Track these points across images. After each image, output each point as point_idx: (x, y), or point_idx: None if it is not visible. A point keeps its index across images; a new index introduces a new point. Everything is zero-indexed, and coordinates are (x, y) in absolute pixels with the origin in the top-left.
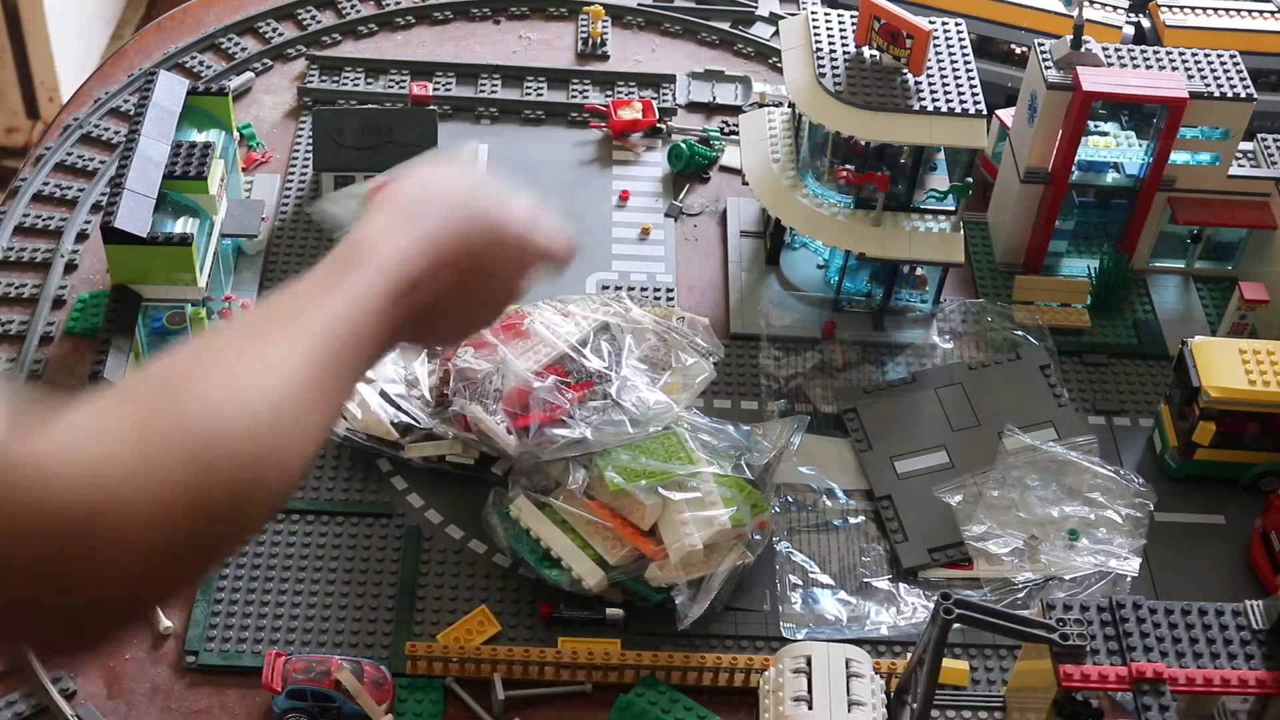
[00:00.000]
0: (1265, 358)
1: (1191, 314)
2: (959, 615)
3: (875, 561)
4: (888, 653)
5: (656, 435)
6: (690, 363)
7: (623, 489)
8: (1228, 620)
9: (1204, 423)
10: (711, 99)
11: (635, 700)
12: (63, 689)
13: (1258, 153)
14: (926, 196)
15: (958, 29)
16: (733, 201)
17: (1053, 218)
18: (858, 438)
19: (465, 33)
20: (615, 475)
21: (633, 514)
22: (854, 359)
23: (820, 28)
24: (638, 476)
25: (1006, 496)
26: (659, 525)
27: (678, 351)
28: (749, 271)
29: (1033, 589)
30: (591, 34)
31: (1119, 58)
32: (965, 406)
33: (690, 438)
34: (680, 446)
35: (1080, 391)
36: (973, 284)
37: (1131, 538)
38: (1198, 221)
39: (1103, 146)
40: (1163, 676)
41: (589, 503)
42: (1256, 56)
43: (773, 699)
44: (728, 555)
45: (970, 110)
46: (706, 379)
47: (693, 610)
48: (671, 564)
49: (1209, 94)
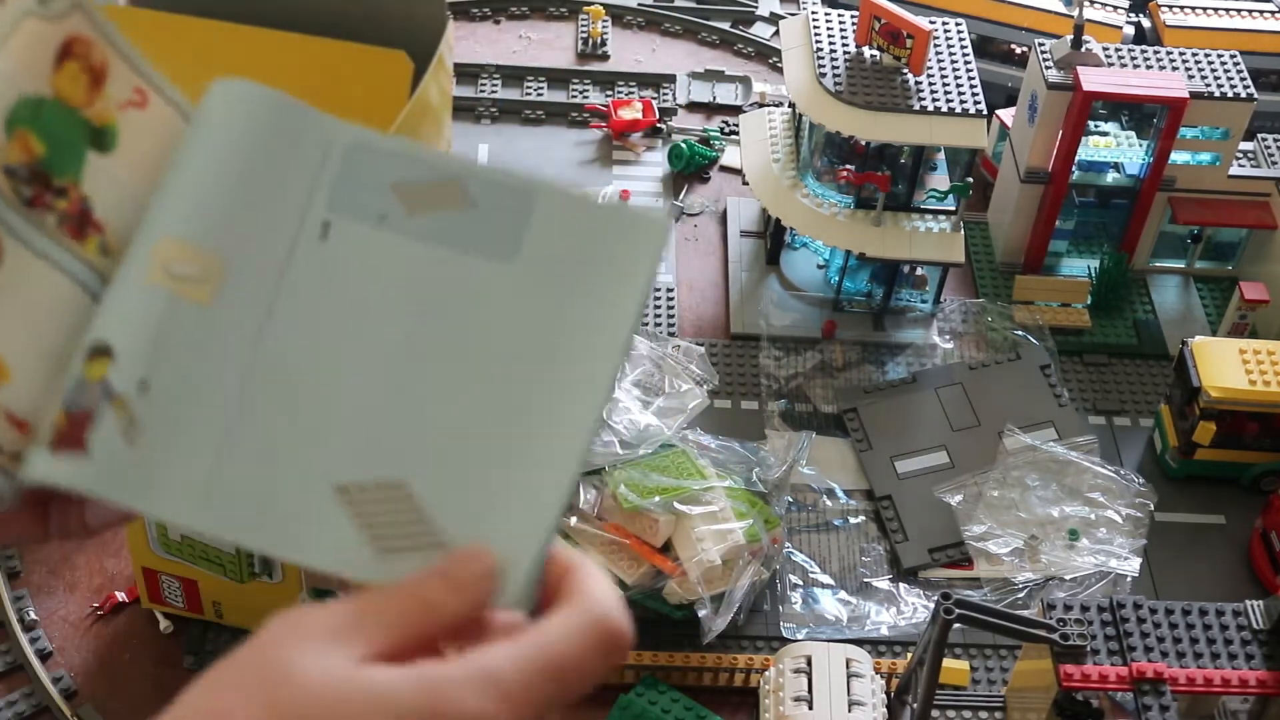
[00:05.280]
0: (1265, 358)
1: (1191, 314)
2: (959, 615)
3: (875, 561)
4: (888, 653)
5: (666, 454)
6: (684, 389)
7: (636, 506)
8: (1228, 620)
9: (1204, 423)
10: (711, 99)
11: (635, 700)
12: (63, 689)
13: (1258, 153)
14: (926, 196)
15: (958, 29)
16: (733, 201)
17: (1053, 218)
18: (858, 438)
19: (465, 33)
20: (628, 492)
21: (646, 531)
22: (854, 359)
23: (820, 28)
24: (651, 493)
25: (1006, 496)
26: (674, 541)
27: (671, 378)
28: (749, 271)
29: (1033, 589)
30: (591, 34)
31: (1119, 58)
32: (965, 406)
33: (698, 455)
34: (690, 463)
35: (1080, 391)
36: (973, 284)
37: (1131, 538)
38: (1198, 221)
39: (1103, 146)
40: (1163, 676)
41: (602, 524)
42: (1256, 56)
43: (773, 699)
44: (746, 570)
45: (970, 110)
46: (699, 406)
47: (716, 624)
48: (691, 580)
49: (1209, 94)
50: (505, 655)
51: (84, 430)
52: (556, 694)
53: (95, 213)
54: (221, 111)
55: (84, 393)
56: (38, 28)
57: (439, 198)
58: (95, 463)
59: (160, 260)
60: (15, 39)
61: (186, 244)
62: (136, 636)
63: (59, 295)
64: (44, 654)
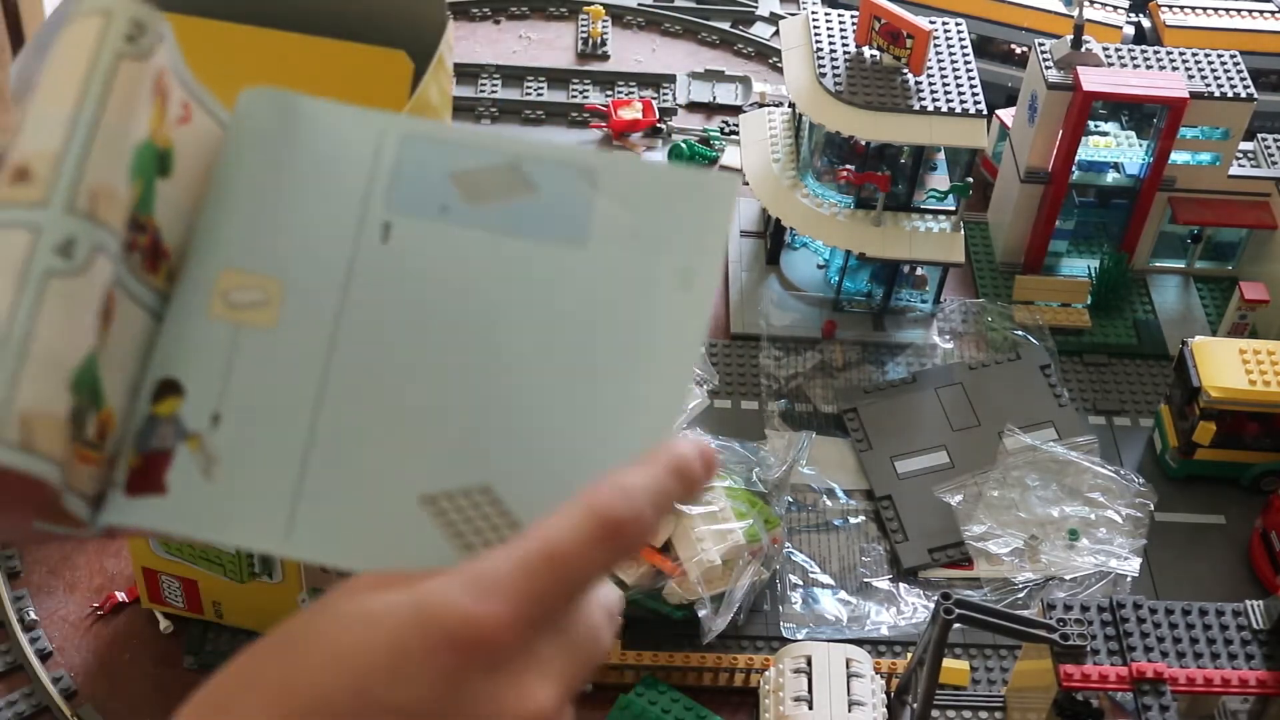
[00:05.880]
0: (1265, 358)
1: (1191, 314)
2: (959, 615)
3: (875, 561)
4: (888, 653)
5: None
6: None
7: None
8: (1228, 620)
9: (1204, 423)
10: (711, 99)
11: (635, 700)
12: (63, 689)
13: (1258, 153)
14: (927, 196)
15: (958, 29)
16: None
17: (1053, 218)
18: (858, 438)
19: (465, 33)
20: None
21: None
22: (854, 359)
23: (820, 28)
24: None
25: (1006, 496)
26: (674, 541)
27: None
28: (749, 271)
29: (1033, 589)
30: (591, 34)
31: (1119, 58)
32: (965, 406)
33: None
34: None
35: (1080, 391)
36: (973, 284)
37: (1131, 538)
38: (1198, 221)
39: (1103, 146)
40: (1163, 676)
41: None
42: (1256, 56)
43: (773, 699)
44: (746, 570)
45: (970, 110)
46: (699, 406)
47: (716, 624)
48: (690, 580)
49: (1209, 94)
50: (500, 554)
51: (162, 471)
52: (560, 588)
53: (164, 241)
54: (257, 124)
55: (156, 432)
56: (131, 70)
57: (498, 184)
58: (175, 502)
59: (219, 292)
60: (117, 85)
61: (243, 271)
62: (136, 636)
63: (142, 330)
64: (44, 654)
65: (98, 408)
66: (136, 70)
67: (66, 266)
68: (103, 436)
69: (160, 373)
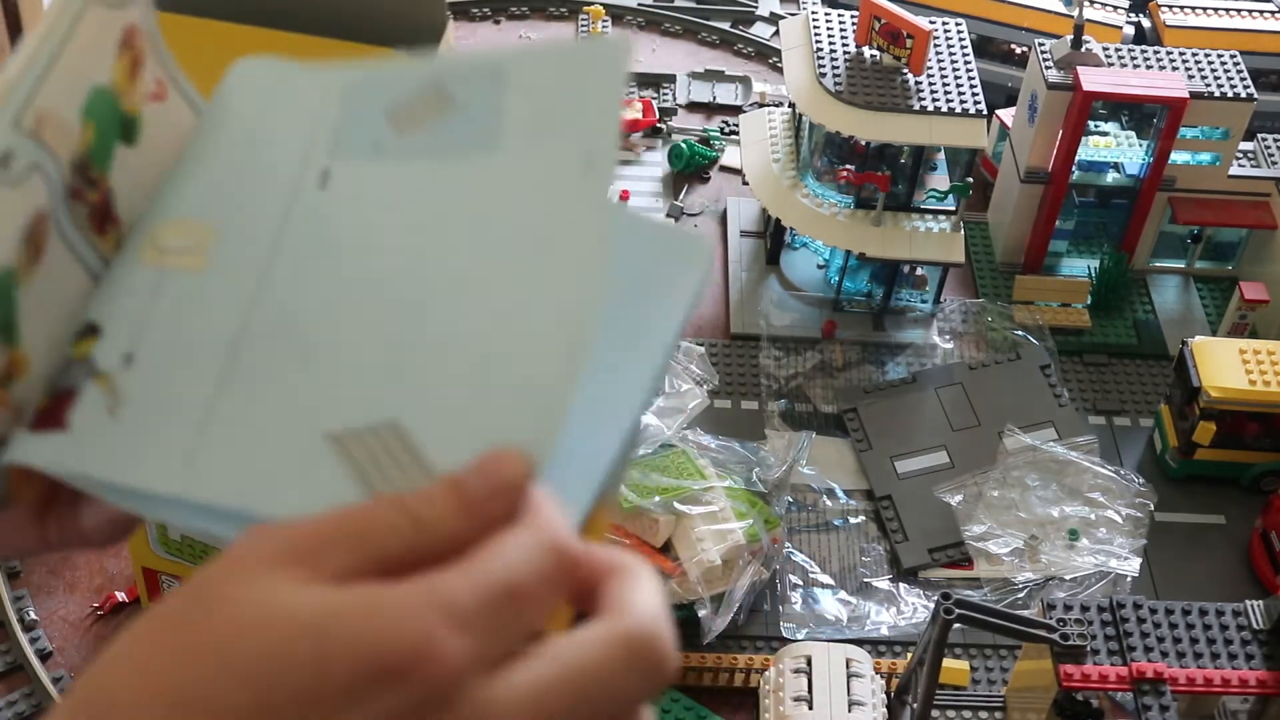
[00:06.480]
0: (1265, 358)
1: (1191, 314)
2: (959, 615)
3: (875, 561)
4: (888, 653)
5: (666, 454)
6: (684, 389)
7: (636, 506)
8: (1228, 620)
9: (1204, 423)
10: (711, 99)
11: None
12: (63, 689)
13: (1258, 153)
14: (926, 196)
15: (958, 29)
16: (733, 201)
17: (1053, 218)
18: (858, 438)
19: (465, 33)
20: (628, 492)
21: (646, 531)
22: (854, 359)
23: (820, 28)
24: (651, 493)
25: (1006, 496)
26: (674, 541)
27: (671, 378)
28: (749, 271)
29: (1033, 589)
30: (591, 34)
31: (1119, 58)
32: (965, 406)
33: (698, 455)
34: (690, 463)
35: (1080, 391)
36: (973, 284)
37: (1131, 538)
38: (1198, 221)
39: (1103, 146)
40: (1163, 676)
41: None
42: (1256, 56)
43: (773, 699)
44: (746, 570)
45: (970, 110)
46: (699, 405)
47: (716, 624)
48: (690, 579)
49: (1209, 94)
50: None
51: (65, 408)
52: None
53: (116, 207)
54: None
55: (68, 372)
56: (101, 15)
57: (424, 109)
58: (76, 440)
59: (153, 240)
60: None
61: (181, 220)
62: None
63: (78, 290)
64: (44, 654)
65: (8, 343)
66: (105, 15)
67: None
68: (10, 378)
69: (85, 317)
